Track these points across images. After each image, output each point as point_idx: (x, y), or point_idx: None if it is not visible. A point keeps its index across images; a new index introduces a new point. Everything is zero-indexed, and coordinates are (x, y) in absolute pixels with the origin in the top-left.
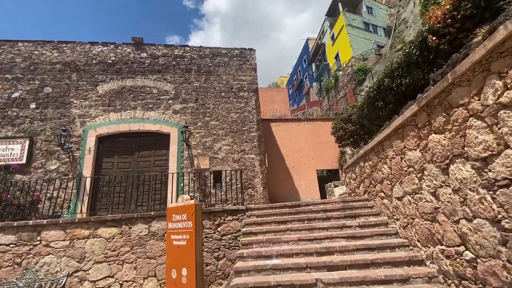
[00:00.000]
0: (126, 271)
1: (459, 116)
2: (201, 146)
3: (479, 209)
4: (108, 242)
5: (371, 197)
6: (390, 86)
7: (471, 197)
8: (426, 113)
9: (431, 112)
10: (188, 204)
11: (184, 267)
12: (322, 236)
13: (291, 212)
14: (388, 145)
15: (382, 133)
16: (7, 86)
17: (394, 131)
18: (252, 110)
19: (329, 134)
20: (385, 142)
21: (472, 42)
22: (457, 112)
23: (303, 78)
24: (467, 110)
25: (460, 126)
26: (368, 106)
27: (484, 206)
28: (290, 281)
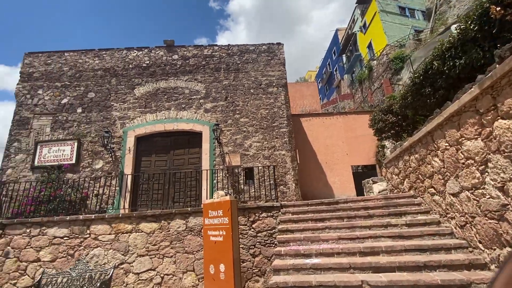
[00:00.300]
0: (166, 265)
1: None
2: (231, 143)
3: None
4: (149, 237)
5: (418, 193)
6: (440, 70)
7: None
8: (490, 96)
9: (497, 94)
10: (223, 200)
11: (222, 263)
12: (364, 235)
13: (329, 209)
14: (439, 136)
15: (431, 122)
16: (57, 93)
17: (447, 120)
18: (281, 105)
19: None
20: (435, 132)
21: None
22: None
23: (333, 70)
24: None
25: None
26: (413, 93)
27: None
28: (333, 282)
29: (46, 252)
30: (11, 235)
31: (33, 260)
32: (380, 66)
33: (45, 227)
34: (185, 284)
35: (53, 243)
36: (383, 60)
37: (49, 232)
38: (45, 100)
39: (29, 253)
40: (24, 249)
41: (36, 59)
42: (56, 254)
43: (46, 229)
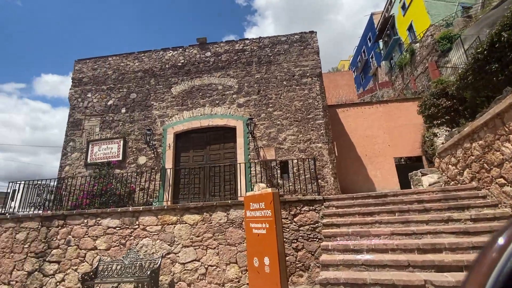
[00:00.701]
0: (210, 256)
1: None
2: (265, 137)
3: None
4: (193, 228)
5: (483, 184)
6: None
7: None
8: None
9: None
10: (265, 192)
11: (266, 256)
12: (422, 231)
13: (377, 203)
14: (510, 117)
15: (502, 102)
16: (103, 95)
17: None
18: (316, 96)
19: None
20: (506, 114)
21: None
22: None
23: (368, 58)
24: None
25: None
26: (474, 72)
27: None
28: (391, 281)
29: (102, 241)
30: (71, 225)
31: (90, 248)
32: (423, 49)
33: (100, 218)
34: (228, 275)
35: (107, 233)
36: (428, 41)
37: (103, 222)
38: (94, 102)
39: (87, 242)
40: (82, 238)
41: (85, 65)
42: (110, 243)
43: (101, 219)
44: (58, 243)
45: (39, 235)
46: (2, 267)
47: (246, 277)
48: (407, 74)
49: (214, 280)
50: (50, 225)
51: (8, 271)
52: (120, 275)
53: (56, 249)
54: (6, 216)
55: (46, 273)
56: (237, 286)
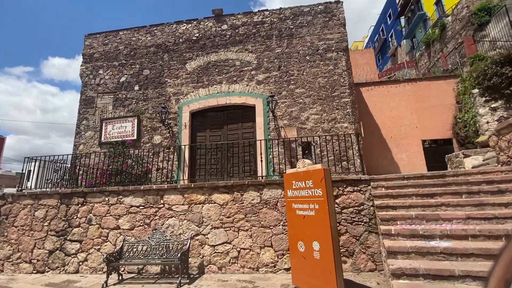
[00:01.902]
0: (242, 239)
1: None
2: (287, 116)
3: None
4: (222, 208)
5: None
6: None
7: None
8: None
9: None
10: (314, 169)
11: (316, 240)
12: (505, 215)
13: (436, 183)
14: None
15: None
16: (115, 72)
17: None
18: (342, 72)
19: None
20: None
21: None
22: None
23: (387, 37)
24: None
25: None
26: None
27: None
28: (486, 272)
29: (125, 220)
30: (92, 203)
31: (113, 227)
32: (457, 23)
33: (122, 196)
34: (263, 259)
35: (130, 212)
36: (463, 14)
37: (125, 201)
38: (106, 79)
39: (109, 221)
40: (104, 217)
41: (95, 40)
42: (133, 223)
43: (123, 198)
44: (79, 221)
45: (58, 213)
46: (22, 245)
47: (283, 262)
48: (434, 52)
49: (247, 264)
50: (69, 203)
51: (29, 249)
52: (147, 256)
53: (77, 227)
54: (23, 192)
55: (68, 252)
56: (273, 271)
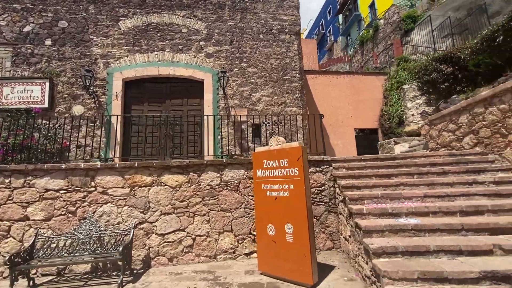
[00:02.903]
0: (198, 224)
1: None
2: (238, 96)
3: None
4: (175, 192)
5: (492, 149)
6: None
7: None
8: None
9: None
10: (290, 147)
11: (289, 223)
12: (455, 193)
13: (390, 165)
14: None
15: None
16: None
17: None
18: (294, 56)
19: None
20: None
21: None
22: None
23: (326, 32)
24: None
25: None
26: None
27: None
28: (457, 246)
29: (37, 208)
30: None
31: (18, 218)
32: (388, 26)
33: (32, 177)
34: (222, 245)
35: (46, 198)
36: (393, 19)
37: (37, 183)
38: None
39: (12, 210)
40: (4, 205)
41: None
42: (51, 212)
43: (34, 179)
44: None
45: None
46: None
47: (244, 247)
48: (367, 50)
49: (203, 252)
50: None
51: None
52: (72, 253)
53: None
54: None
55: None
56: (232, 257)
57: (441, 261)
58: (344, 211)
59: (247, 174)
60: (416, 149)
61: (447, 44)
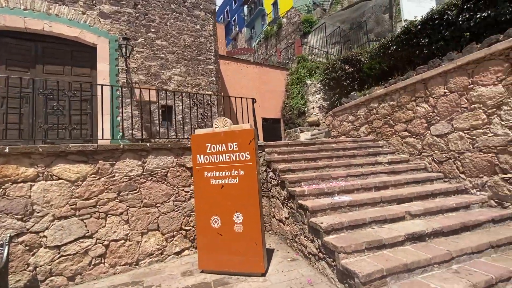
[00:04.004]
0: (113, 227)
1: None
2: (144, 71)
3: None
4: (76, 187)
5: (381, 137)
6: (451, 20)
7: None
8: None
9: None
10: (240, 129)
11: (239, 211)
12: (367, 172)
13: (312, 149)
14: (437, 83)
15: (433, 70)
16: None
17: (458, 67)
18: (209, 36)
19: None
20: (432, 80)
21: None
22: None
23: (231, 20)
24: None
25: None
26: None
27: None
28: (383, 216)
29: None
30: None
31: None
32: (290, 26)
33: None
34: (146, 248)
35: None
36: (295, 20)
37: None
38: None
39: None
40: None
41: None
42: None
43: None
44: None
45: None
46: None
47: (174, 245)
48: (271, 45)
49: (121, 260)
50: None
51: None
52: None
53: None
54: None
55: None
56: (160, 259)
57: (375, 230)
58: (280, 194)
59: (177, 162)
60: (318, 137)
61: (336, 49)
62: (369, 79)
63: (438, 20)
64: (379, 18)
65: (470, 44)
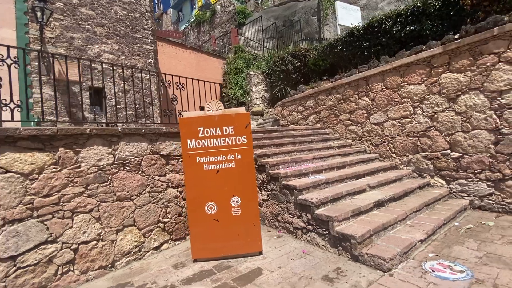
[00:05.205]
0: (82, 227)
1: (488, 61)
2: (65, 43)
3: (481, 124)
4: (32, 181)
5: (328, 125)
6: (387, 29)
7: (477, 116)
8: (447, 56)
9: (454, 55)
10: (236, 113)
11: (236, 195)
12: (326, 155)
13: (277, 136)
14: (376, 80)
15: (371, 70)
16: None
17: (393, 68)
18: (146, 13)
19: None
20: (372, 78)
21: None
22: (487, 58)
23: None
24: (498, 57)
25: (486, 68)
26: (345, 44)
27: (487, 121)
28: (353, 189)
29: None
30: None
31: None
32: (225, 14)
33: None
34: (123, 246)
35: None
36: (230, 8)
37: None
38: None
39: None
40: None
41: None
42: None
43: None
44: None
45: None
46: None
47: (152, 240)
48: (203, 32)
49: (94, 265)
50: None
51: None
52: None
53: None
54: None
55: None
56: (138, 257)
57: (350, 201)
58: (259, 178)
59: (152, 149)
60: (265, 125)
61: (270, 44)
62: (313, 73)
63: (377, 27)
64: (309, 19)
65: (401, 50)
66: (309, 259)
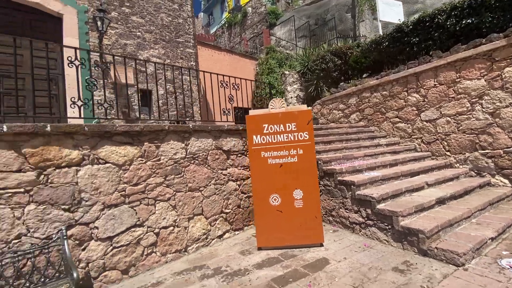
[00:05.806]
0: (162, 213)
1: None
2: (119, 50)
3: None
4: (124, 171)
5: (372, 124)
6: (440, 24)
7: None
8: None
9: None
10: (298, 110)
11: (298, 188)
12: (376, 152)
13: (324, 134)
14: (428, 76)
15: (424, 65)
16: None
17: (448, 64)
18: (188, 18)
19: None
20: (424, 73)
21: None
22: None
23: None
24: None
25: None
26: (391, 40)
27: None
28: (412, 186)
29: None
30: None
31: None
32: (256, 15)
33: None
34: (193, 233)
35: None
36: (261, 10)
37: None
38: None
39: None
40: None
41: None
42: None
43: None
44: None
45: None
46: None
47: (217, 229)
48: (235, 34)
49: (171, 248)
50: None
51: None
52: None
53: None
54: None
55: None
56: (205, 244)
57: (410, 197)
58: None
59: (216, 144)
60: None
61: (303, 43)
62: (354, 71)
63: (429, 22)
64: (342, 16)
65: (457, 45)
66: (373, 252)
